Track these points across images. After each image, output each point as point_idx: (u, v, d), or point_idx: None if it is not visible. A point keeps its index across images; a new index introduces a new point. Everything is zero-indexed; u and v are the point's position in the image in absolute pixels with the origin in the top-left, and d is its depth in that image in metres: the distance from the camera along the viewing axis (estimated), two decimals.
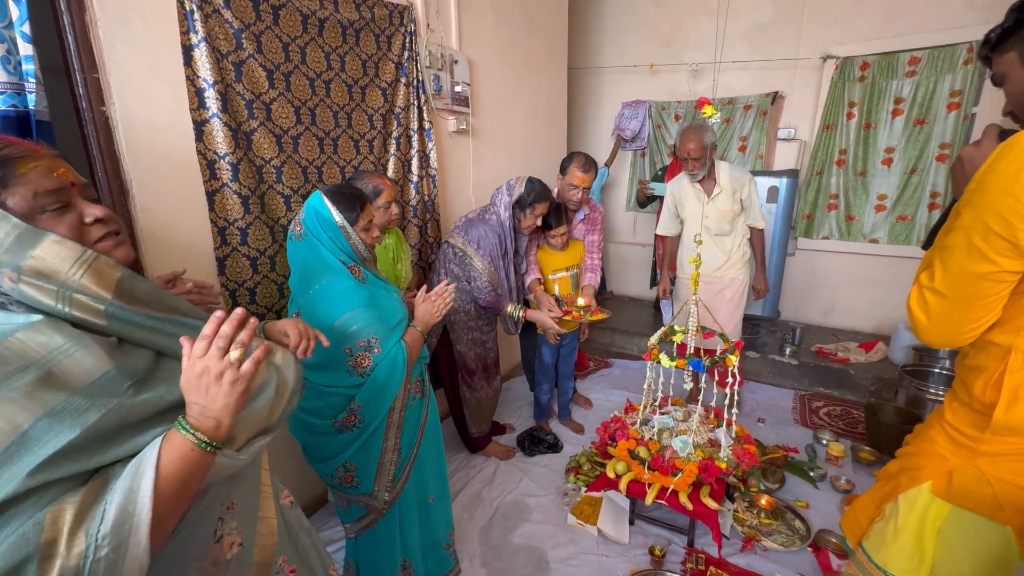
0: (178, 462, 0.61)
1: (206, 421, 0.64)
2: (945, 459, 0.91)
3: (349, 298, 1.23)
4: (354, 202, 1.28)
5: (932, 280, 0.82)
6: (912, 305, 0.86)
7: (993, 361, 0.82)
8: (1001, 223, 0.72)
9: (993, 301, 0.78)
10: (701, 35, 4.11)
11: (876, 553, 0.99)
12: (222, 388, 0.64)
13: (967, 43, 3.14)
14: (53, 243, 0.61)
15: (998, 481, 0.82)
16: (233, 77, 1.63)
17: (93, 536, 0.54)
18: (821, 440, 2.58)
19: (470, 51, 2.68)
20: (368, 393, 1.27)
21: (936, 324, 0.83)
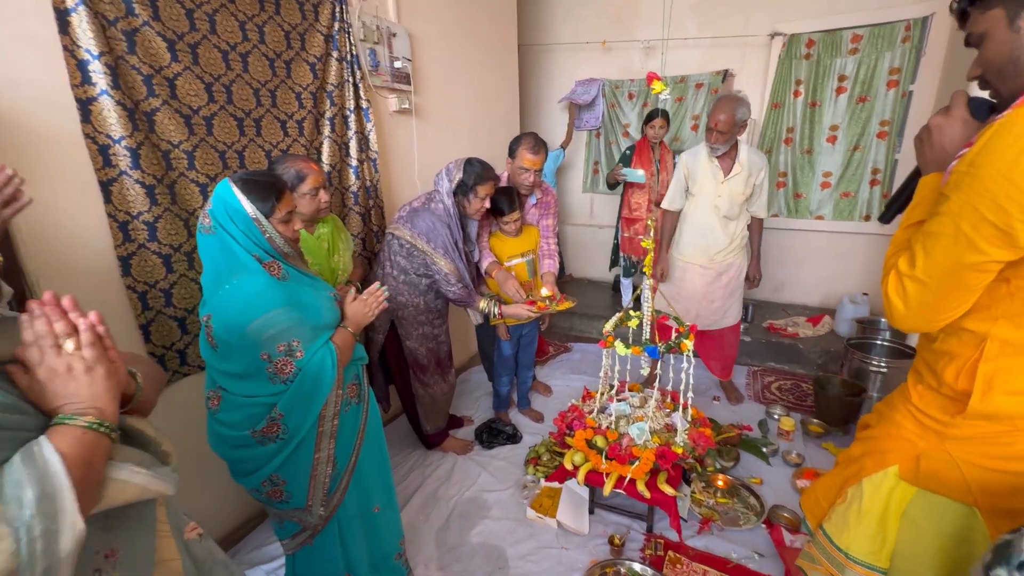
0: (76, 446, 0.58)
1: (85, 410, 0.61)
2: (913, 443, 0.90)
3: (264, 299, 1.09)
4: (269, 191, 1.13)
5: (913, 267, 0.78)
6: (890, 292, 0.82)
7: (966, 348, 0.80)
8: (995, 211, 0.68)
9: (975, 290, 0.76)
10: (653, 11, 4.04)
11: (838, 536, 0.99)
12: (79, 380, 0.62)
13: (904, 21, 3.21)
14: None
15: (967, 464, 0.82)
16: (125, 48, 1.42)
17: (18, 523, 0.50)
18: (773, 415, 2.63)
19: (410, 24, 2.49)
20: (291, 400, 1.14)
21: (913, 311, 0.80)
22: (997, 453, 0.79)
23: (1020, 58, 0.73)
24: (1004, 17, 0.73)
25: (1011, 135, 0.66)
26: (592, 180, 4.69)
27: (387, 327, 2.08)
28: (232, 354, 1.09)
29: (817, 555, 1.05)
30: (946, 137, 0.83)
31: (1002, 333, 0.76)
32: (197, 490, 1.73)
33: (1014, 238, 0.68)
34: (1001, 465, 0.79)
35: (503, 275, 2.19)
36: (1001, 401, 0.77)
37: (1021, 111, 0.67)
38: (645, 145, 3.36)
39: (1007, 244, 0.69)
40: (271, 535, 1.89)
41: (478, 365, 3.30)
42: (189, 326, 1.68)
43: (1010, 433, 0.78)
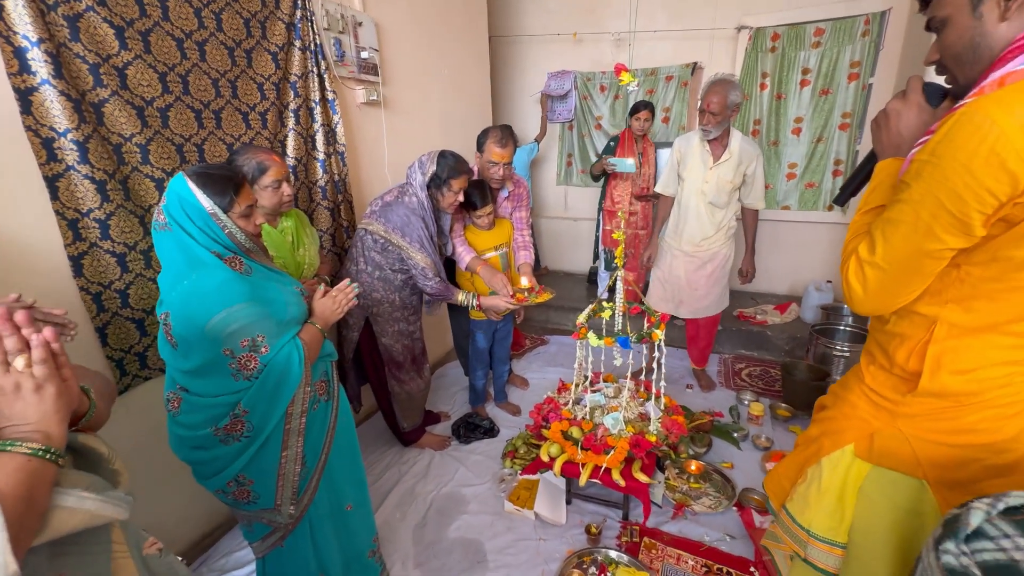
0: (16, 474, 0.54)
1: (30, 435, 0.58)
2: (867, 422, 0.93)
3: (225, 293, 1.05)
4: (226, 185, 1.08)
5: (872, 254, 0.80)
6: (850, 277, 0.84)
7: (917, 330, 0.83)
8: (954, 200, 0.69)
9: (930, 276, 0.78)
10: (623, 3, 4.04)
11: (800, 515, 1.02)
12: (26, 400, 0.58)
13: (864, 15, 3.30)
14: None
15: (916, 440, 0.85)
16: (68, 35, 1.34)
17: None
18: (743, 401, 2.71)
19: (376, 13, 2.43)
20: (255, 397, 1.11)
21: (872, 296, 0.82)
22: (944, 428, 0.83)
23: (980, 45, 0.73)
24: (967, 3, 0.73)
25: (971, 124, 0.66)
26: (566, 172, 4.70)
27: (362, 324, 2.04)
28: (192, 351, 1.05)
29: (781, 534, 1.08)
30: (903, 122, 0.85)
31: (951, 316, 0.78)
32: (162, 497, 1.67)
33: (970, 227, 0.70)
34: (947, 439, 0.83)
35: (488, 271, 2.17)
36: (947, 380, 0.80)
37: (981, 100, 0.67)
38: (629, 137, 3.37)
39: (963, 232, 0.71)
40: (240, 541, 1.84)
41: (454, 360, 3.28)
42: (148, 328, 1.61)
43: (954, 409, 0.81)
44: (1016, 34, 0.70)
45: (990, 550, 0.55)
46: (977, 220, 0.69)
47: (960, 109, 0.69)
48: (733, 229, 2.54)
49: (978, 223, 0.69)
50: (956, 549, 0.55)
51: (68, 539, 0.67)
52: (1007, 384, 0.77)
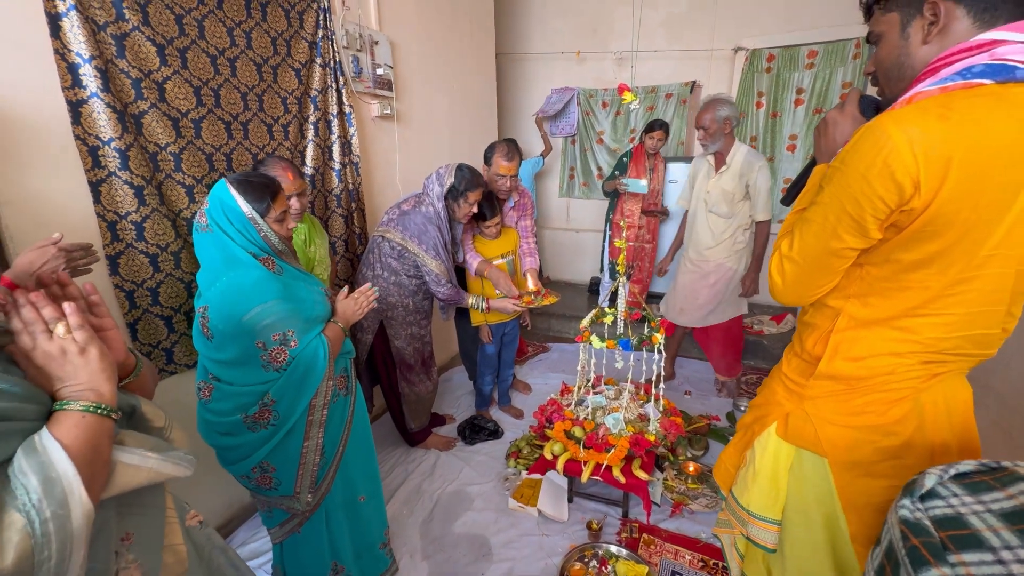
0: (75, 430, 0.59)
1: (83, 393, 0.63)
2: (783, 405, 1.01)
3: (261, 290, 1.14)
4: (263, 192, 1.18)
5: (791, 249, 0.89)
6: (772, 269, 0.93)
7: (825, 320, 0.92)
8: (853, 204, 0.77)
9: (837, 272, 0.87)
10: (625, 24, 4.21)
11: (741, 496, 1.09)
12: (74, 362, 0.63)
13: (855, 39, 3.45)
14: None
15: (818, 419, 0.94)
16: (114, 52, 1.45)
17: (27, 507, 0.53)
18: (740, 407, 2.79)
19: (392, 32, 2.57)
20: (284, 387, 1.20)
21: (789, 287, 0.91)
22: (839, 409, 0.92)
23: (904, 64, 0.79)
24: (898, 22, 0.78)
25: (872, 137, 0.74)
26: (568, 185, 4.83)
27: (376, 328, 2.13)
28: (227, 343, 1.14)
29: (729, 517, 1.15)
30: (838, 130, 0.93)
31: (851, 309, 0.88)
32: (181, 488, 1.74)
33: (866, 229, 0.78)
34: (842, 420, 0.91)
35: (495, 273, 2.27)
36: (841, 365, 0.89)
37: (884, 116, 0.74)
38: (641, 153, 3.46)
39: (861, 234, 0.79)
40: (256, 532, 1.91)
41: (459, 366, 3.36)
42: (175, 324, 1.70)
43: (847, 392, 0.90)
44: (934, 56, 0.76)
45: (940, 507, 0.63)
46: (872, 224, 0.77)
47: (870, 123, 0.76)
48: (741, 244, 2.57)
49: (873, 227, 0.77)
50: (911, 506, 0.64)
51: (134, 501, 0.75)
52: (891, 372, 0.86)
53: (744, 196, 2.49)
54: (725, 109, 2.37)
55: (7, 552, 0.49)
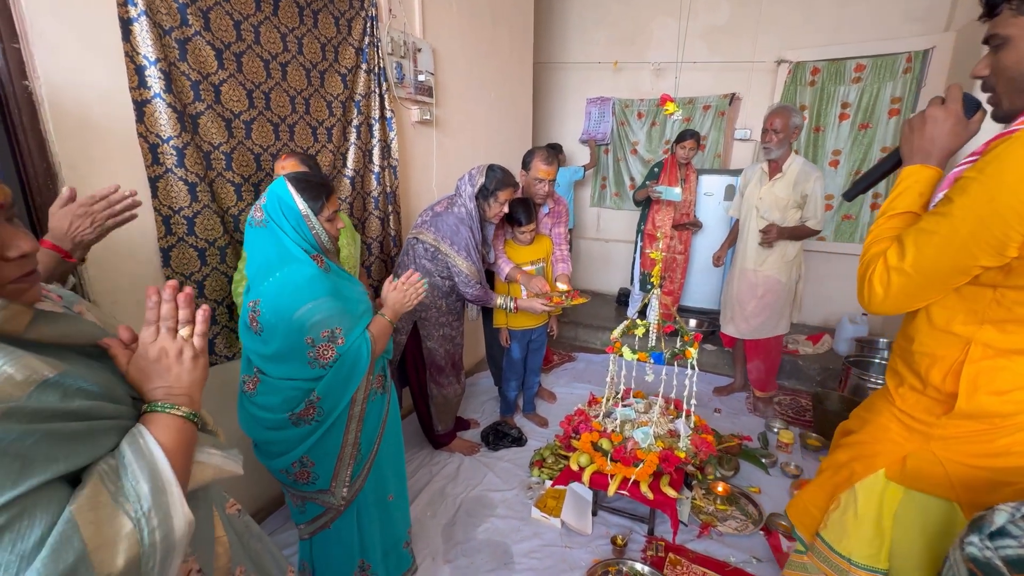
0: (177, 438, 0.61)
1: (177, 398, 0.64)
2: (899, 445, 0.93)
3: (313, 287, 1.17)
4: (320, 191, 1.22)
5: (902, 260, 0.81)
6: (874, 280, 0.85)
7: (949, 350, 0.84)
8: (997, 220, 0.70)
9: (950, 289, 0.80)
10: (663, 34, 4.19)
11: (839, 543, 1.01)
12: (184, 365, 0.66)
13: (905, 53, 3.34)
14: None
15: (950, 462, 0.86)
16: (178, 55, 1.53)
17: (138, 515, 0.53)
18: (772, 428, 2.70)
19: (434, 40, 2.62)
20: (329, 384, 1.22)
21: (892, 299, 0.84)
22: (978, 451, 0.84)
23: None
24: None
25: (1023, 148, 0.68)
26: (600, 195, 4.81)
27: (409, 328, 2.16)
28: (275, 338, 1.17)
29: (817, 563, 1.07)
30: (938, 128, 0.85)
31: (986, 337, 0.80)
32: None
33: (1005, 247, 0.71)
34: (981, 462, 0.84)
35: (525, 276, 2.29)
36: (984, 401, 0.81)
37: None
38: (673, 163, 3.42)
39: (997, 252, 0.72)
40: (280, 526, 1.95)
41: (485, 370, 3.37)
42: (218, 317, 1.77)
43: (990, 432, 0.82)
44: None
45: (1013, 547, 0.60)
46: (1015, 242, 0.70)
47: (1017, 133, 0.70)
48: (791, 257, 2.56)
49: (1015, 245, 0.70)
50: (980, 543, 0.61)
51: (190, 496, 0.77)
52: None
53: (796, 205, 2.49)
54: (797, 118, 2.41)
55: (118, 558, 0.50)
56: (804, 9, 3.65)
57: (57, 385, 0.52)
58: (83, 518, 0.48)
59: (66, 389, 0.53)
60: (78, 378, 0.56)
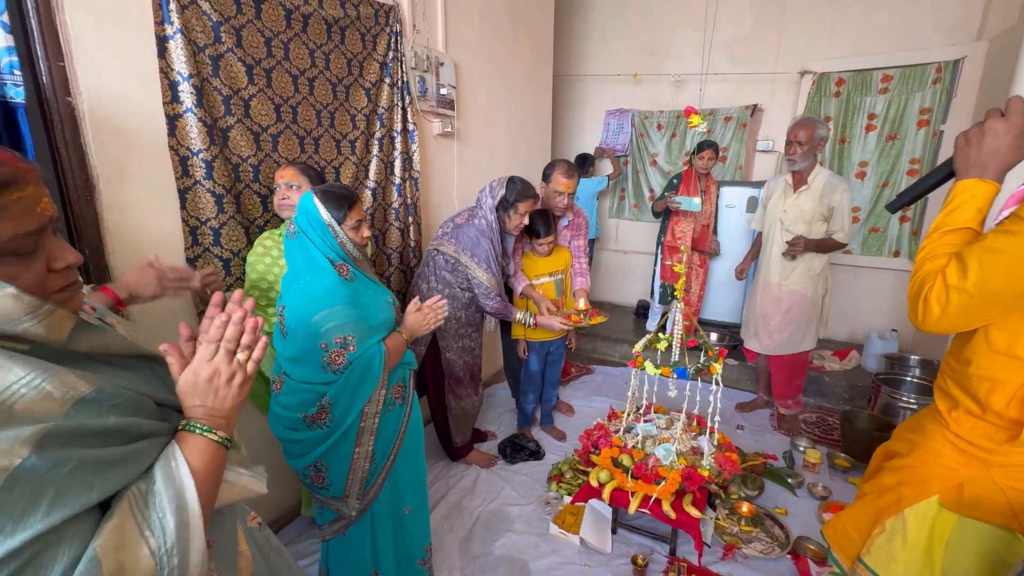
0: (208, 463, 0.61)
1: (216, 420, 0.65)
2: (954, 471, 0.90)
3: (331, 294, 1.22)
4: (342, 201, 1.27)
5: (963, 279, 0.78)
6: (930, 298, 0.83)
7: (1012, 375, 0.80)
8: None
9: (1014, 311, 0.77)
10: (684, 46, 4.18)
11: (885, 569, 0.97)
12: (232, 390, 0.66)
13: (935, 63, 3.26)
14: (8, 297, 0.51)
15: (1012, 491, 0.83)
16: (210, 71, 1.57)
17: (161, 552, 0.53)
18: (798, 447, 2.61)
19: (456, 54, 2.65)
20: (340, 390, 1.25)
21: (949, 318, 0.81)
22: None
23: None
24: None
25: None
26: (619, 206, 4.79)
27: (429, 339, 2.17)
28: (296, 341, 1.22)
29: None
30: (999, 142, 0.82)
31: None
32: None
33: None
34: None
35: (539, 297, 2.29)
36: None
37: None
38: (691, 175, 3.40)
39: None
40: (299, 533, 1.96)
41: (502, 381, 3.35)
42: None
43: None
44: None
45: None
46: None
47: None
48: (816, 271, 2.50)
49: None
50: None
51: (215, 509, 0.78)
52: None
53: (822, 218, 2.43)
54: (822, 130, 2.37)
55: None
56: (828, 20, 3.61)
57: (93, 402, 0.53)
58: (107, 556, 0.48)
59: (101, 406, 0.53)
60: (112, 395, 0.56)
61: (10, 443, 0.44)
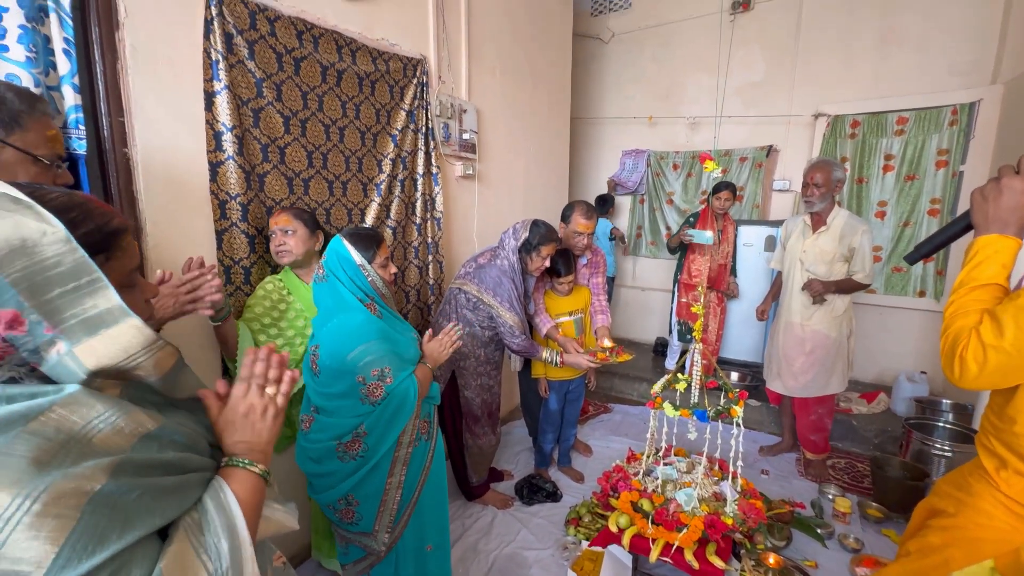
0: (252, 494, 0.64)
1: (256, 454, 0.68)
2: (1009, 535, 0.87)
3: (364, 331, 1.27)
4: (371, 241, 1.35)
5: (1000, 338, 0.78)
6: (967, 357, 0.82)
7: None
8: None
9: None
10: (698, 90, 4.31)
11: None
12: (267, 423, 0.70)
13: (951, 106, 3.29)
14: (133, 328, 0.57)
15: None
16: (251, 122, 1.69)
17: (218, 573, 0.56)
18: (827, 495, 2.51)
19: (478, 101, 2.79)
20: (376, 420, 1.29)
21: (987, 377, 0.81)
22: None
23: None
24: None
25: None
26: (635, 243, 4.83)
27: (448, 376, 2.19)
28: (333, 378, 1.27)
29: None
30: (1017, 200, 0.83)
31: None
32: None
33: None
34: None
35: (564, 339, 2.29)
36: None
37: None
38: (709, 214, 3.42)
39: None
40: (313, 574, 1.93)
41: (519, 419, 3.32)
42: None
43: None
44: None
45: None
46: None
47: None
48: (839, 311, 2.48)
49: None
50: None
51: None
52: None
53: (843, 259, 2.43)
54: (839, 172, 2.39)
55: None
56: (840, 65, 3.69)
57: (156, 437, 0.57)
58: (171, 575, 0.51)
59: (162, 442, 0.58)
60: (172, 431, 0.60)
61: (92, 470, 0.48)
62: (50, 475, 0.45)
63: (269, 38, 1.70)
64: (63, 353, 0.53)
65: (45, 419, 0.48)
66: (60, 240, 0.51)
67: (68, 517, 0.44)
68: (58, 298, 0.51)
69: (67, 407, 0.51)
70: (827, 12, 3.70)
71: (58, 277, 0.51)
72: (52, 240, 0.50)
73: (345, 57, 1.97)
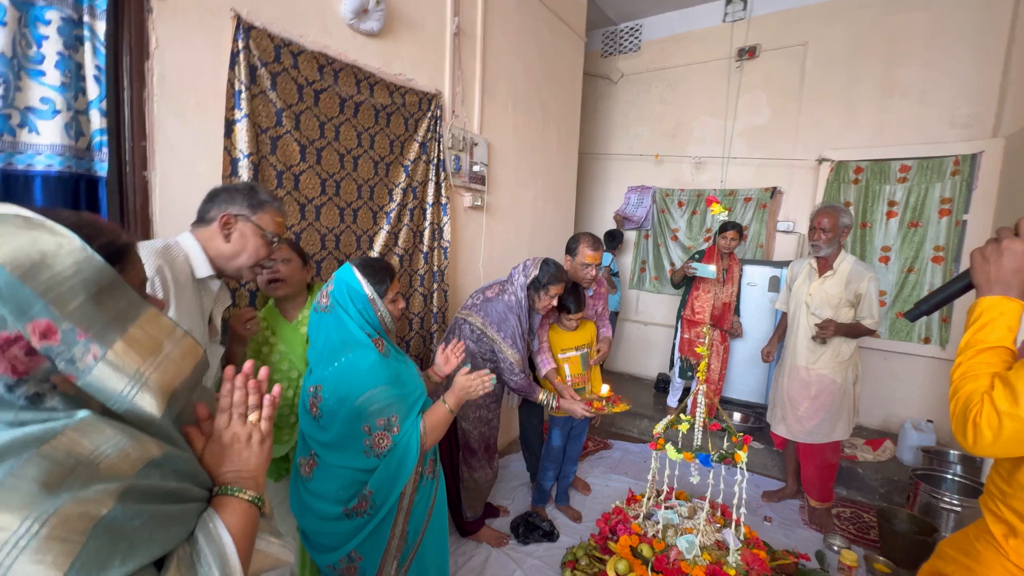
0: (243, 522, 0.63)
1: (245, 481, 0.67)
2: None
3: (375, 374, 1.19)
4: (384, 275, 1.30)
5: (1015, 406, 0.77)
6: (981, 424, 0.80)
7: None
8: None
9: None
10: (704, 131, 4.40)
11: None
12: (253, 449, 0.69)
13: (953, 156, 3.35)
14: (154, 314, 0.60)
15: None
16: (268, 150, 1.73)
17: None
18: (832, 546, 2.43)
19: (489, 135, 2.85)
20: (381, 478, 1.21)
21: (1003, 444, 0.79)
22: None
23: None
24: None
25: None
26: (639, 278, 4.84)
27: None
28: (334, 423, 1.18)
29: None
30: (1018, 262, 0.83)
31: None
32: None
33: None
34: None
35: (561, 386, 2.28)
36: None
37: None
38: (714, 252, 3.44)
39: None
40: None
41: (516, 452, 3.26)
42: None
43: None
44: None
45: None
46: None
47: None
48: (845, 356, 2.46)
49: None
50: None
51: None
52: None
53: (849, 304, 2.42)
54: (846, 217, 2.42)
55: None
56: (843, 115, 3.78)
57: (159, 465, 0.57)
58: None
59: (164, 470, 0.57)
60: (175, 459, 0.60)
61: (100, 494, 0.48)
62: (59, 498, 0.45)
63: (292, 70, 1.76)
64: (99, 358, 0.54)
65: (57, 443, 0.49)
66: (77, 249, 0.52)
67: (74, 542, 0.44)
68: (86, 303, 0.53)
69: (79, 431, 0.51)
70: (831, 62, 3.81)
71: (82, 284, 0.52)
72: (69, 250, 0.52)
73: (363, 90, 2.04)
